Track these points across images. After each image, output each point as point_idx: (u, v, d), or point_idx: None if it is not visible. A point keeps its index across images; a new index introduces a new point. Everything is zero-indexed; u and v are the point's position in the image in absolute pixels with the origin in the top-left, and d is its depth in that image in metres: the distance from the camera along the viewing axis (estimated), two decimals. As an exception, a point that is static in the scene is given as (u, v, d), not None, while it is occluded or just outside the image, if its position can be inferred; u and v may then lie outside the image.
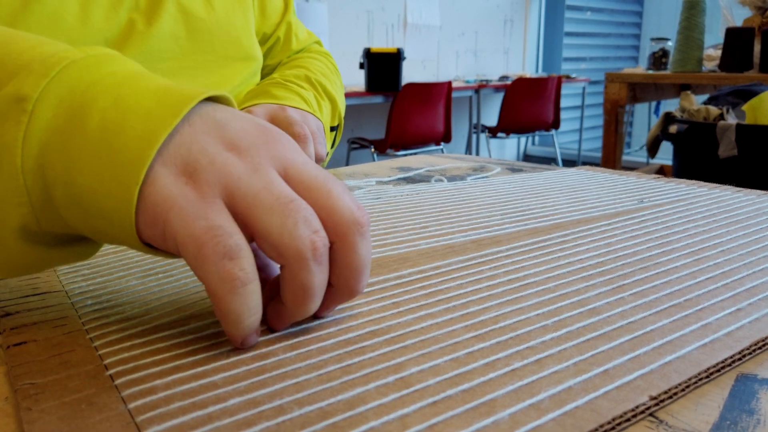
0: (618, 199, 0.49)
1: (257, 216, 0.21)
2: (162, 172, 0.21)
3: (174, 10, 0.47)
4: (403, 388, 0.20)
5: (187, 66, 0.49)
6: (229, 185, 0.21)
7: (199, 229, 0.21)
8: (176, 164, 0.21)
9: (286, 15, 0.65)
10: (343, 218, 0.23)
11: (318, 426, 0.18)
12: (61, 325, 0.26)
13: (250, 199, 0.21)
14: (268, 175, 0.22)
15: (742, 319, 0.25)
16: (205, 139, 0.22)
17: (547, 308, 0.27)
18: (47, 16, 0.39)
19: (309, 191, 0.23)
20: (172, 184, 0.21)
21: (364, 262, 0.23)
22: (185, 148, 0.22)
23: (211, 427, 0.18)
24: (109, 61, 0.24)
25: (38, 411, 0.19)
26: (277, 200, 0.21)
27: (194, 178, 0.21)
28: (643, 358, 0.22)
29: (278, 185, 0.22)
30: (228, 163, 0.22)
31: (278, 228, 0.21)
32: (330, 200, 0.23)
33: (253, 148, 0.23)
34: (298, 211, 0.21)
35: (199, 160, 0.22)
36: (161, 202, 0.21)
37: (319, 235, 0.22)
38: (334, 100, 0.61)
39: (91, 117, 0.22)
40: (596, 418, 0.18)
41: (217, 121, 0.23)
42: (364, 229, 0.23)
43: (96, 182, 0.21)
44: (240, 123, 0.24)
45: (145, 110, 0.22)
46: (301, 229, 0.21)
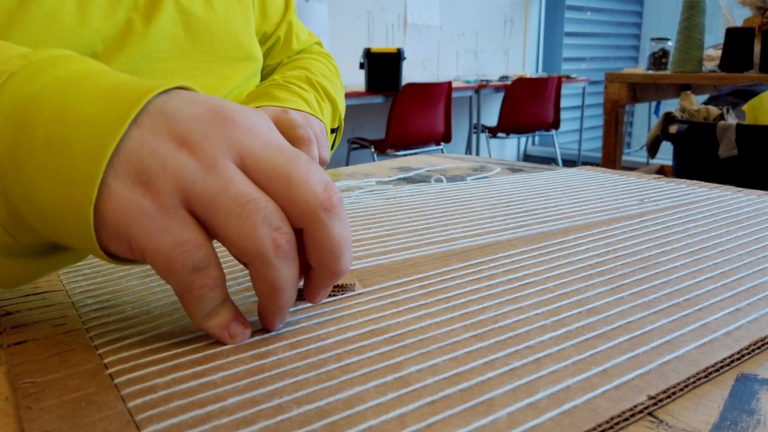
0: (619, 200, 0.49)
1: (216, 220, 0.21)
2: (116, 185, 0.21)
3: (173, 9, 0.47)
4: (402, 388, 0.20)
5: (187, 66, 0.49)
6: (186, 190, 0.21)
7: (165, 244, 0.20)
8: (129, 174, 0.21)
9: (286, 15, 0.65)
10: (308, 205, 0.22)
11: (316, 425, 0.18)
12: (61, 324, 0.26)
13: (208, 203, 0.21)
14: (224, 172, 0.21)
15: (741, 319, 0.25)
16: (155, 140, 0.21)
17: (546, 308, 0.27)
18: (44, 15, 0.39)
19: (269, 182, 0.22)
20: (129, 197, 0.21)
21: (340, 242, 0.23)
22: (136, 155, 0.21)
23: (210, 425, 0.18)
24: (53, 64, 0.23)
25: (38, 409, 0.19)
26: (234, 201, 0.21)
27: (150, 187, 0.21)
28: (642, 357, 0.22)
29: (235, 184, 0.21)
30: (181, 164, 0.21)
31: (237, 231, 0.21)
32: (291, 189, 0.22)
33: (206, 141, 0.22)
34: (257, 212, 0.21)
35: (151, 167, 0.21)
36: (121, 219, 0.21)
37: (281, 232, 0.21)
38: (335, 101, 0.61)
39: (36, 132, 0.21)
40: (594, 418, 0.18)
41: (165, 114, 0.22)
42: (333, 211, 0.22)
43: (53, 202, 0.21)
44: (191, 110, 0.22)
45: (91, 119, 0.21)
46: (260, 230, 0.21)
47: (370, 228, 0.41)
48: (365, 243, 0.37)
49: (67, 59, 0.24)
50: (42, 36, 0.39)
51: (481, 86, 3.47)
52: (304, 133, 0.47)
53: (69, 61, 0.24)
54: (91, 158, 0.20)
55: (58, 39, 0.40)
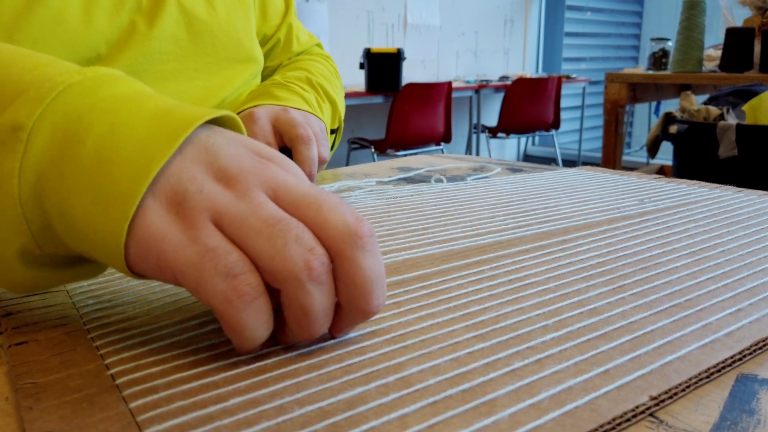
0: (620, 200, 0.48)
1: (247, 241, 0.21)
2: (151, 205, 0.21)
3: (175, 11, 0.47)
4: (404, 388, 0.20)
5: (189, 68, 0.49)
6: (217, 211, 0.21)
7: (194, 254, 0.20)
8: (166, 194, 0.21)
9: (287, 16, 0.65)
10: (337, 231, 0.21)
11: (318, 425, 0.18)
12: (62, 324, 0.26)
13: (238, 224, 0.21)
14: (255, 199, 0.22)
15: (743, 320, 0.25)
16: (195, 168, 0.22)
17: (547, 308, 0.27)
18: (50, 18, 0.39)
19: (299, 209, 0.22)
20: (162, 217, 0.21)
21: (371, 277, 0.21)
22: (175, 178, 0.21)
23: (212, 426, 0.18)
24: (107, 83, 0.24)
25: (39, 410, 0.19)
26: (265, 222, 0.21)
27: (183, 206, 0.21)
28: (644, 358, 0.22)
29: (266, 207, 0.21)
30: (216, 191, 0.22)
31: (268, 251, 0.20)
32: (321, 215, 0.22)
33: (242, 175, 0.22)
34: (288, 231, 0.21)
35: (187, 189, 0.21)
36: (151, 236, 0.21)
37: (314, 253, 0.21)
38: (335, 102, 0.61)
39: (85, 146, 0.21)
40: (596, 418, 0.18)
41: (208, 149, 0.23)
42: (364, 241, 0.21)
43: (88, 215, 0.21)
44: (233, 149, 0.23)
45: (139, 140, 0.21)
46: (292, 249, 0.20)
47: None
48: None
49: (120, 79, 0.24)
50: (47, 38, 0.39)
51: (481, 86, 3.47)
52: (303, 132, 0.47)
53: (121, 81, 0.24)
54: (135, 177, 0.21)
55: (63, 41, 0.40)
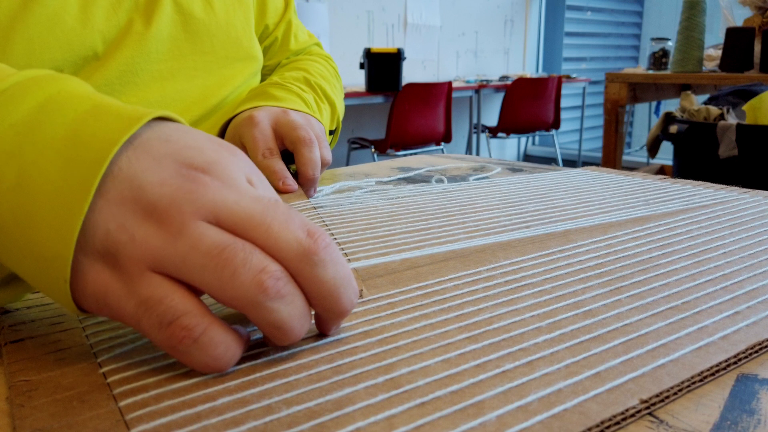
0: (625, 202, 0.48)
1: (193, 279, 0.20)
2: (86, 263, 0.20)
3: (171, 10, 0.47)
4: (392, 389, 0.20)
5: (187, 67, 0.49)
6: (154, 258, 0.20)
7: (132, 307, 0.20)
8: (98, 250, 0.20)
9: (285, 14, 0.65)
10: (290, 252, 0.21)
11: (305, 426, 0.18)
12: (58, 322, 0.26)
13: (180, 265, 0.20)
14: (194, 233, 0.20)
15: (740, 323, 0.25)
16: (121, 212, 0.20)
17: (542, 310, 0.27)
18: (47, 17, 0.39)
19: (246, 231, 0.21)
20: (101, 272, 0.20)
21: (335, 286, 0.21)
22: (102, 231, 0.20)
23: (199, 425, 0.18)
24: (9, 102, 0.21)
25: (30, 407, 0.19)
26: (207, 255, 0.20)
27: (118, 260, 0.20)
28: (636, 361, 0.22)
29: (206, 239, 0.20)
30: (148, 236, 0.20)
31: (218, 284, 0.20)
32: (270, 237, 0.21)
33: (174, 207, 0.20)
34: (234, 258, 0.20)
35: (118, 240, 0.20)
36: (96, 292, 0.21)
37: (266, 272, 0.20)
38: (334, 103, 0.61)
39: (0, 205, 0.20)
40: (584, 421, 0.18)
41: (131, 181, 0.21)
42: (317, 257, 0.21)
43: (30, 275, 0.21)
44: (159, 174, 0.21)
45: (53, 188, 0.20)
46: (241, 276, 0.20)
47: (369, 228, 0.41)
48: (364, 243, 0.37)
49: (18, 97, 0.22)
50: (44, 37, 0.39)
51: (481, 86, 3.47)
52: (305, 135, 0.46)
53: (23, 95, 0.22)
54: (59, 238, 0.20)
55: (59, 40, 0.40)
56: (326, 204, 0.47)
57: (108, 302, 0.21)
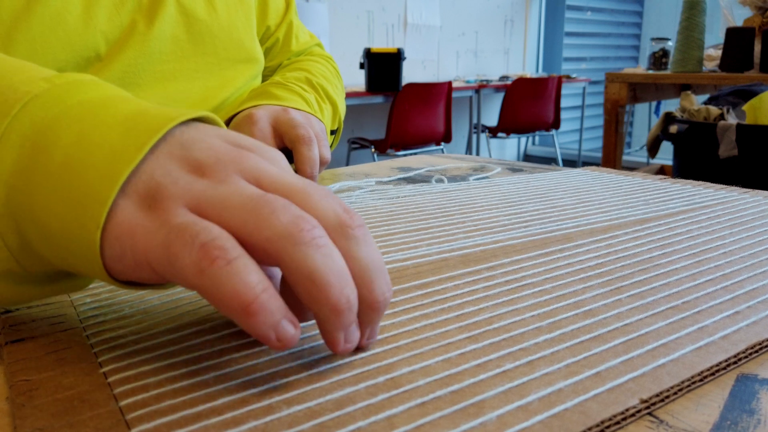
0: (625, 202, 0.48)
1: (231, 220, 0.19)
2: (123, 205, 0.20)
3: (174, 11, 0.47)
4: (393, 389, 0.20)
5: (188, 68, 0.49)
6: (194, 197, 0.20)
7: (163, 235, 0.19)
8: (138, 192, 0.20)
9: (286, 16, 0.65)
10: (327, 221, 0.20)
11: (305, 425, 0.18)
12: (59, 322, 0.26)
13: (218, 204, 0.20)
14: (236, 183, 0.21)
15: (740, 322, 0.25)
16: (168, 163, 0.21)
17: (542, 309, 0.27)
18: (50, 17, 0.39)
19: (286, 197, 0.21)
20: (133, 213, 0.20)
21: (368, 267, 0.20)
22: (147, 175, 0.21)
23: (199, 425, 0.18)
24: (76, 89, 0.23)
25: (31, 407, 0.19)
26: (249, 197, 0.20)
27: (156, 200, 0.20)
28: (636, 360, 0.22)
29: (247, 189, 0.20)
30: (192, 181, 0.21)
31: (254, 222, 0.19)
32: (309, 204, 0.20)
33: (220, 164, 0.21)
34: (275, 200, 0.19)
35: (160, 183, 0.20)
36: (123, 233, 0.20)
37: (304, 218, 0.19)
38: (335, 103, 0.61)
39: (54, 155, 0.21)
40: (584, 421, 0.18)
41: (182, 143, 0.22)
42: (354, 231, 0.21)
43: (61, 225, 0.20)
44: (208, 141, 0.22)
45: (109, 145, 0.21)
46: (280, 216, 0.19)
47: (369, 228, 0.41)
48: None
49: (90, 84, 0.23)
50: (46, 37, 0.39)
51: (481, 86, 3.47)
52: (305, 133, 0.46)
53: (92, 86, 0.23)
54: (104, 182, 0.20)
55: (62, 41, 0.40)
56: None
57: (134, 242, 0.20)
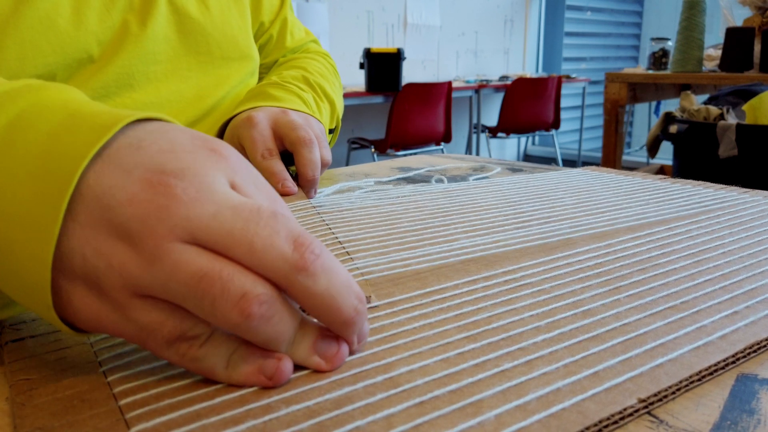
0: (624, 202, 0.48)
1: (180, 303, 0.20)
2: (71, 289, 0.20)
3: (166, 11, 0.47)
4: (391, 388, 0.20)
5: (182, 67, 0.49)
6: (136, 285, 0.19)
7: (134, 331, 0.20)
8: (79, 276, 0.20)
9: (281, 12, 0.65)
10: (277, 272, 0.20)
11: (304, 425, 0.18)
12: None
13: (162, 292, 0.19)
14: (169, 259, 0.19)
15: (738, 322, 0.25)
16: (94, 236, 0.20)
17: (541, 309, 0.27)
18: (39, 20, 0.39)
19: (227, 251, 0.19)
20: (85, 298, 0.20)
21: (330, 295, 0.20)
22: (79, 256, 0.20)
23: (198, 424, 0.18)
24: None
25: (31, 406, 0.19)
26: (186, 286, 0.19)
27: (101, 288, 0.20)
28: (635, 360, 0.22)
29: (183, 267, 0.19)
30: (125, 260, 0.19)
31: (202, 313, 0.19)
32: (254, 257, 0.19)
33: (146, 229, 0.19)
34: (212, 287, 0.19)
35: (97, 267, 0.20)
36: (89, 320, 0.20)
37: (247, 299, 0.19)
38: (333, 102, 0.61)
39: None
40: (582, 420, 0.18)
41: (100, 201, 0.20)
42: (309, 270, 0.20)
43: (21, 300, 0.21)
44: (128, 189, 0.20)
45: (25, 211, 0.19)
46: (222, 306, 0.19)
47: (369, 228, 0.41)
48: (364, 243, 0.37)
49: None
50: (37, 41, 0.39)
51: (481, 86, 3.47)
52: (305, 135, 0.46)
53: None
54: (36, 264, 0.19)
55: (53, 43, 0.39)
56: (326, 204, 0.47)
57: (105, 327, 0.20)
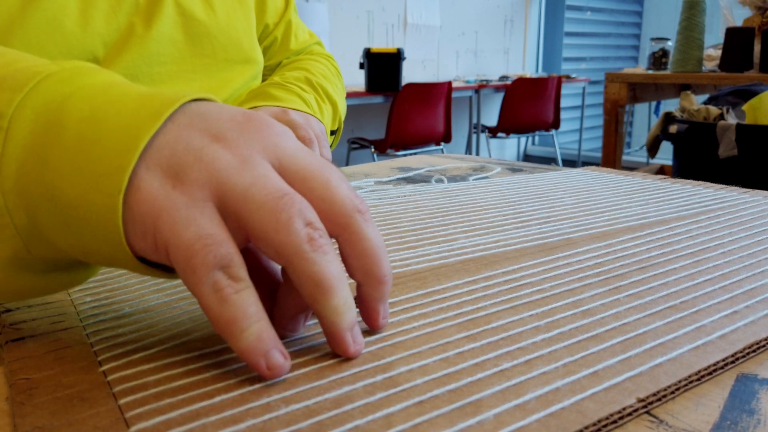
0: (624, 202, 0.48)
1: (249, 214, 0.20)
2: (146, 177, 0.20)
3: (173, 12, 0.47)
4: (391, 387, 0.20)
5: (187, 69, 0.49)
6: (219, 183, 0.20)
7: (189, 237, 0.20)
8: (161, 166, 0.20)
9: (285, 14, 0.65)
10: (344, 208, 0.22)
11: (303, 424, 0.18)
12: (59, 321, 0.26)
13: (241, 197, 0.20)
14: (258, 167, 0.21)
15: (738, 322, 0.25)
16: (190, 134, 0.21)
17: (541, 309, 0.27)
18: (46, 21, 0.39)
19: (305, 182, 0.22)
20: (159, 189, 0.20)
21: (378, 245, 0.23)
22: (169, 149, 0.21)
23: (198, 423, 0.18)
24: (85, 72, 0.23)
25: (31, 405, 0.19)
26: (269, 195, 0.20)
27: (182, 179, 0.20)
28: (634, 360, 0.22)
29: (270, 179, 0.21)
30: (216, 157, 0.21)
31: (272, 224, 0.20)
32: (329, 191, 0.22)
33: (242, 138, 0.22)
34: (292, 205, 0.20)
35: (185, 160, 0.20)
36: (149, 210, 0.20)
37: (314, 227, 0.21)
38: (335, 103, 0.61)
39: (68, 129, 0.21)
40: (581, 420, 0.18)
41: (201, 115, 0.22)
42: (366, 215, 0.23)
43: (78, 195, 0.20)
44: (226, 113, 0.22)
45: (124, 117, 0.21)
46: (295, 223, 0.20)
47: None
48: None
49: (98, 70, 0.24)
50: (43, 42, 0.39)
51: (481, 86, 3.47)
52: (305, 134, 0.46)
53: (100, 72, 0.24)
54: (123, 151, 0.20)
55: (59, 45, 0.39)
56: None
57: (160, 225, 0.20)
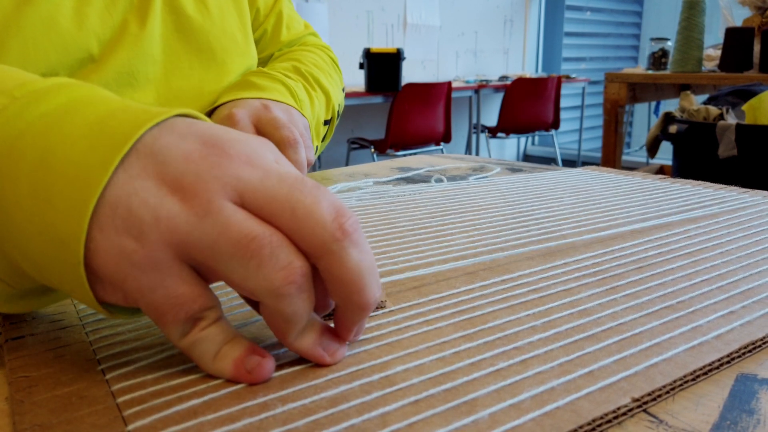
0: (623, 202, 0.48)
1: (219, 266, 0.20)
2: (102, 240, 0.19)
3: (163, 11, 0.47)
4: (387, 387, 0.20)
5: (181, 66, 0.49)
6: (182, 243, 0.19)
7: (157, 299, 0.20)
8: (117, 228, 0.19)
9: (275, 6, 0.64)
10: (316, 238, 0.20)
11: (299, 422, 0.18)
12: (59, 320, 0.26)
13: (208, 252, 0.19)
14: (220, 214, 0.20)
15: (734, 322, 0.25)
16: (144, 186, 0.20)
17: (537, 308, 0.27)
18: (41, 20, 0.39)
19: (272, 217, 0.20)
20: (119, 253, 0.19)
21: (361, 272, 0.21)
22: (124, 207, 0.19)
23: (196, 421, 0.18)
24: (37, 101, 0.21)
25: (30, 403, 0.20)
26: (236, 244, 0.19)
27: (142, 241, 0.19)
28: (629, 360, 0.22)
29: (233, 226, 0.19)
30: (173, 214, 0.19)
31: (243, 274, 0.19)
32: (296, 222, 0.20)
33: (199, 181, 0.20)
34: (261, 249, 0.19)
35: (142, 219, 0.19)
36: (112, 273, 0.19)
37: (291, 268, 0.20)
38: (328, 92, 0.60)
39: (20, 182, 0.20)
40: (576, 419, 0.18)
41: (155, 156, 0.20)
42: (346, 240, 0.20)
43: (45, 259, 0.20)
44: (183, 147, 0.20)
45: (74, 164, 0.19)
46: (268, 268, 0.19)
47: (369, 228, 0.41)
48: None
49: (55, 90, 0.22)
50: (38, 40, 0.39)
51: (480, 86, 3.47)
52: (289, 135, 0.44)
53: (57, 92, 0.22)
54: (74, 213, 0.19)
55: (55, 43, 0.39)
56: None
57: (127, 287, 0.20)
